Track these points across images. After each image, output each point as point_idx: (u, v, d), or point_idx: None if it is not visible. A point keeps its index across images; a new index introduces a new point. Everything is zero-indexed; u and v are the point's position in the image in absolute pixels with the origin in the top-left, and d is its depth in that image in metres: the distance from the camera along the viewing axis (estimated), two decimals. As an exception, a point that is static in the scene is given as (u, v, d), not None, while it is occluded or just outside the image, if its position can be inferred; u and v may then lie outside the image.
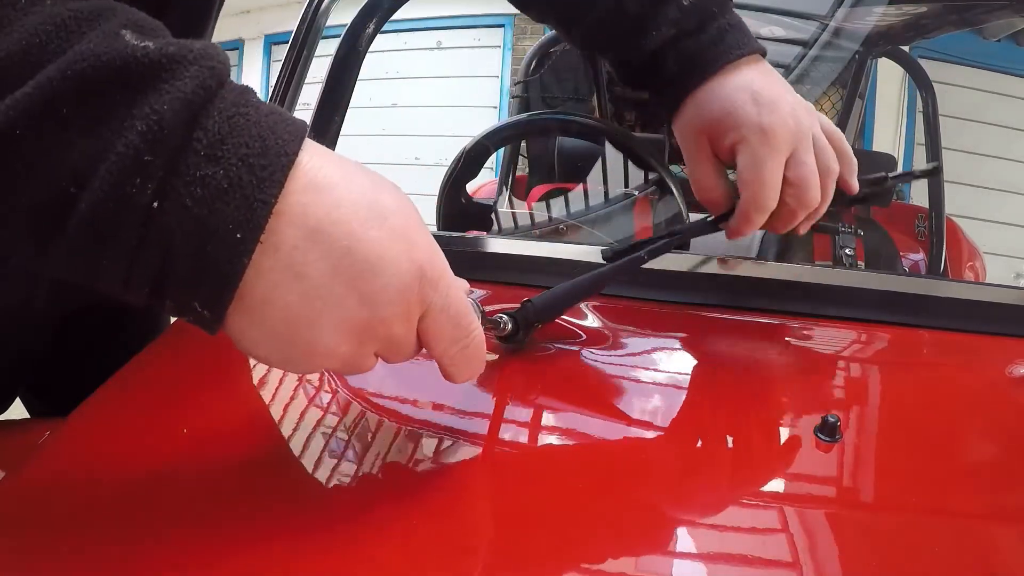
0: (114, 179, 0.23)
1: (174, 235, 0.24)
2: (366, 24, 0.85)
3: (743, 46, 0.45)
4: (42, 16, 0.23)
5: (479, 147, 0.79)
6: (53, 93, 0.23)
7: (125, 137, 0.23)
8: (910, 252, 1.56)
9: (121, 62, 0.24)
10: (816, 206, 0.45)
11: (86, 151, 0.23)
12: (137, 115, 0.23)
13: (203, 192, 0.24)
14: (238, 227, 0.25)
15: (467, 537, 0.31)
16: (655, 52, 0.46)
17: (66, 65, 0.23)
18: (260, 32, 5.07)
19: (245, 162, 0.25)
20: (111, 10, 0.25)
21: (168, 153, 0.24)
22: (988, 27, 1.64)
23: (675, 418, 0.42)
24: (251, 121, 0.25)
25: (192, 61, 0.25)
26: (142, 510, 0.32)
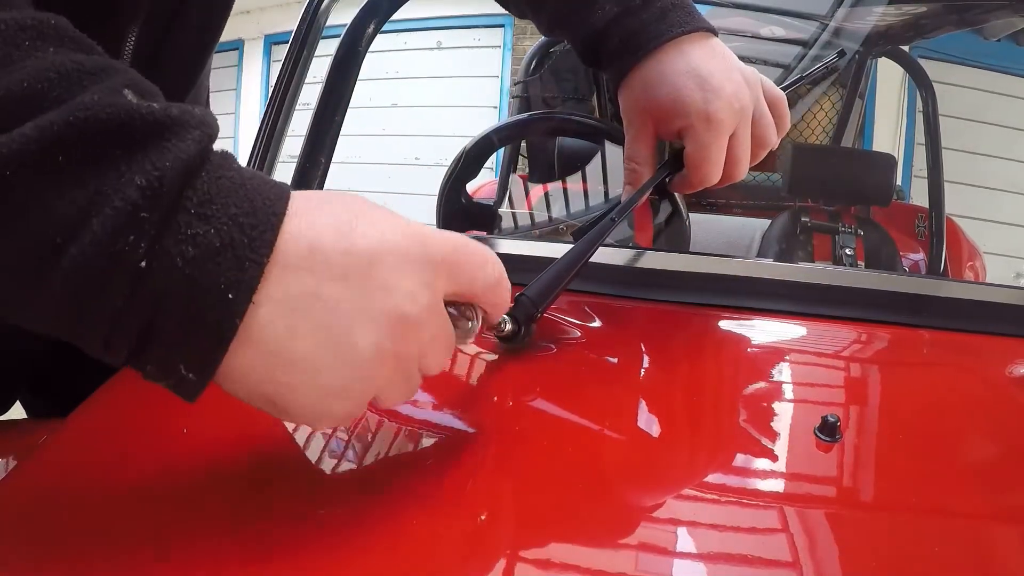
0: (107, 234, 0.23)
1: (164, 295, 0.24)
2: (366, 24, 0.85)
3: (685, 24, 0.46)
4: (46, 62, 0.23)
5: (485, 141, 0.79)
6: (54, 138, 0.22)
7: (123, 192, 0.23)
8: (910, 252, 1.57)
9: (125, 117, 0.23)
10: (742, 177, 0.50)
11: (78, 202, 0.23)
12: (138, 170, 0.23)
13: (194, 251, 0.24)
14: (230, 287, 0.24)
15: (467, 537, 0.31)
16: (600, 30, 0.48)
17: (69, 112, 0.23)
18: (260, 32, 5.07)
19: (235, 221, 0.25)
20: (113, 68, 0.25)
21: (163, 211, 0.23)
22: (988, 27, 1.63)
23: (675, 418, 0.42)
24: (236, 184, 0.25)
25: (194, 126, 0.25)
26: (142, 510, 0.32)
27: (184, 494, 0.33)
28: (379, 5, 0.85)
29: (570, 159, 1.33)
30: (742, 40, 1.42)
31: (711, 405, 0.43)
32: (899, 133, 3.11)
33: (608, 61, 0.49)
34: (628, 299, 0.53)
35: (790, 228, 1.43)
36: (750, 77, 0.47)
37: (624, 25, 0.47)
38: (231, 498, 0.33)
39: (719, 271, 0.54)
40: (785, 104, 0.51)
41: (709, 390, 0.45)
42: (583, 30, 0.49)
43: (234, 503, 0.32)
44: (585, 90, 1.65)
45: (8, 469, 0.39)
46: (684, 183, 0.49)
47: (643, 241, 0.77)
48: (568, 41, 0.53)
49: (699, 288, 0.53)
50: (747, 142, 0.47)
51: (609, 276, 0.54)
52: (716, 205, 1.74)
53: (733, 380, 0.45)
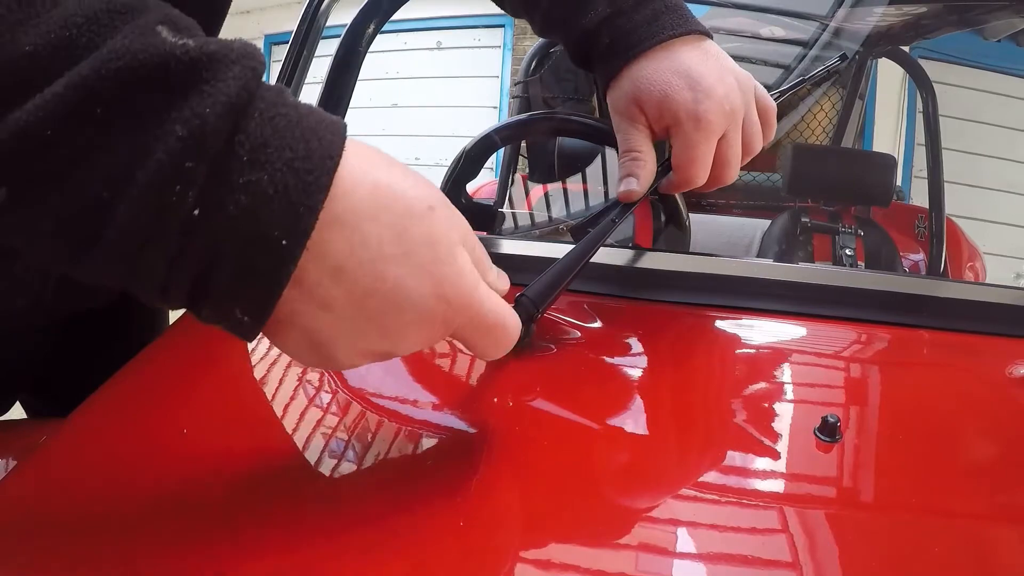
0: (154, 187, 0.22)
1: (218, 243, 0.24)
2: (366, 24, 0.85)
3: (678, 27, 0.46)
4: (71, 7, 0.22)
5: (485, 141, 0.79)
6: (87, 93, 0.22)
7: (165, 142, 0.22)
8: (910, 252, 1.57)
9: (160, 60, 0.22)
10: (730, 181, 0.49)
11: (122, 156, 0.22)
12: (177, 118, 0.22)
13: (247, 199, 0.23)
14: (284, 234, 0.24)
15: (467, 537, 0.31)
16: (592, 31, 0.48)
17: (100, 63, 0.22)
18: (260, 32, 5.07)
19: (290, 167, 0.24)
20: (144, 3, 0.24)
21: (211, 158, 0.23)
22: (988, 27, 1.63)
23: (675, 418, 0.42)
24: (292, 122, 0.25)
25: (234, 61, 0.24)
26: (142, 510, 0.32)
27: (184, 494, 0.33)
28: (379, 5, 0.85)
29: (570, 159, 1.33)
30: (742, 40, 1.42)
31: (711, 405, 0.43)
32: (899, 133, 3.11)
33: (599, 61, 0.49)
34: (628, 299, 0.53)
35: (790, 228, 1.43)
36: (744, 82, 0.47)
37: (616, 26, 0.47)
38: (231, 498, 0.33)
39: (719, 271, 0.54)
40: (775, 113, 0.50)
41: (709, 390, 0.45)
42: (575, 30, 0.49)
43: (234, 503, 0.32)
44: (585, 90, 1.65)
45: (8, 469, 0.39)
46: (669, 184, 0.49)
47: (643, 241, 0.77)
48: (560, 41, 0.53)
49: (699, 288, 0.53)
50: (737, 145, 0.47)
51: (609, 276, 0.54)
52: (716, 205, 1.74)
53: (733, 380, 0.45)
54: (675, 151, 0.47)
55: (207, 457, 0.36)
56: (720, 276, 0.53)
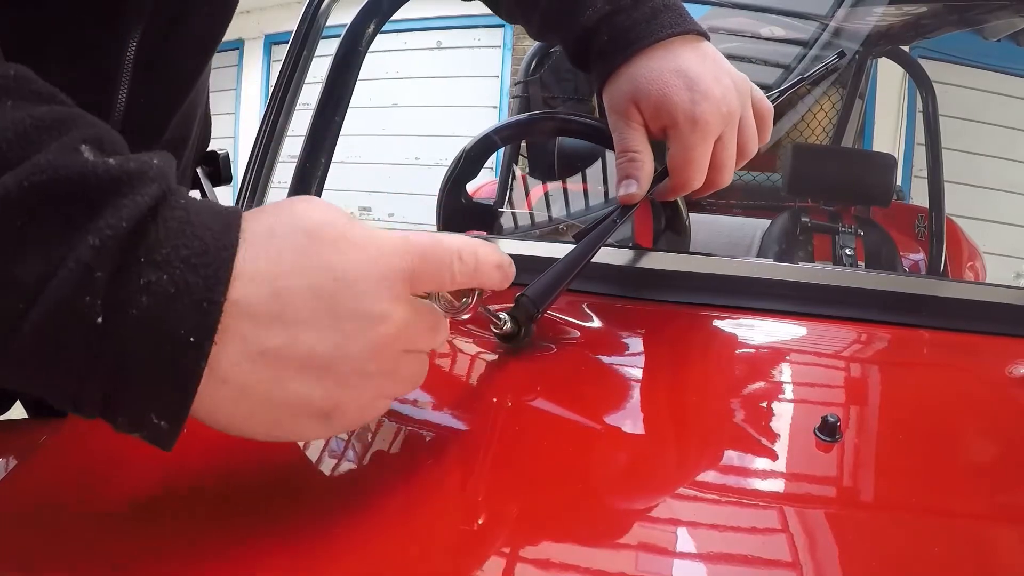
0: (63, 297, 0.22)
1: (124, 348, 0.23)
2: (366, 24, 0.85)
3: (676, 26, 0.46)
4: (3, 120, 0.23)
5: (486, 141, 0.79)
6: (8, 204, 0.22)
7: (76, 253, 0.22)
8: (910, 252, 1.57)
9: (79, 177, 0.23)
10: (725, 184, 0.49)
11: (36, 267, 0.22)
12: (91, 230, 0.23)
13: (149, 300, 0.23)
14: (190, 331, 0.24)
15: (467, 537, 0.31)
16: (591, 28, 0.48)
17: (24, 176, 0.22)
18: (260, 32, 5.07)
19: (187, 263, 0.24)
20: (72, 120, 0.24)
21: (114, 266, 0.23)
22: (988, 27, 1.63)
23: (675, 418, 0.42)
24: (183, 221, 0.24)
25: (153, 178, 0.24)
26: (142, 510, 0.32)
27: (184, 494, 0.33)
28: (379, 5, 0.85)
29: (570, 159, 1.33)
30: (742, 40, 1.42)
31: (711, 405, 0.43)
32: (899, 133, 3.11)
33: (596, 58, 0.49)
34: (628, 299, 0.53)
35: (790, 228, 1.43)
36: (740, 84, 0.47)
37: (614, 23, 0.47)
38: (231, 498, 0.33)
39: (719, 271, 0.54)
40: (771, 116, 0.50)
41: (709, 390, 0.45)
42: (574, 29, 0.49)
43: (234, 503, 0.32)
44: (585, 90, 1.65)
45: (8, 469, 0.39)
46: (664, 189, 0.49)
47: (643, 241, 0.77)
48: (558, 41, 0.53)
49: (699, 288, 0.53)
50: (732, 148, 0.47)
51: (609, 276, 0.54)
52: (716, 205, 1.74)
53: (733, 380, 0.45)
54: (671, 153, 0.47)
55: (207, 457, 0.36)
56: (720, 276, 0.53)
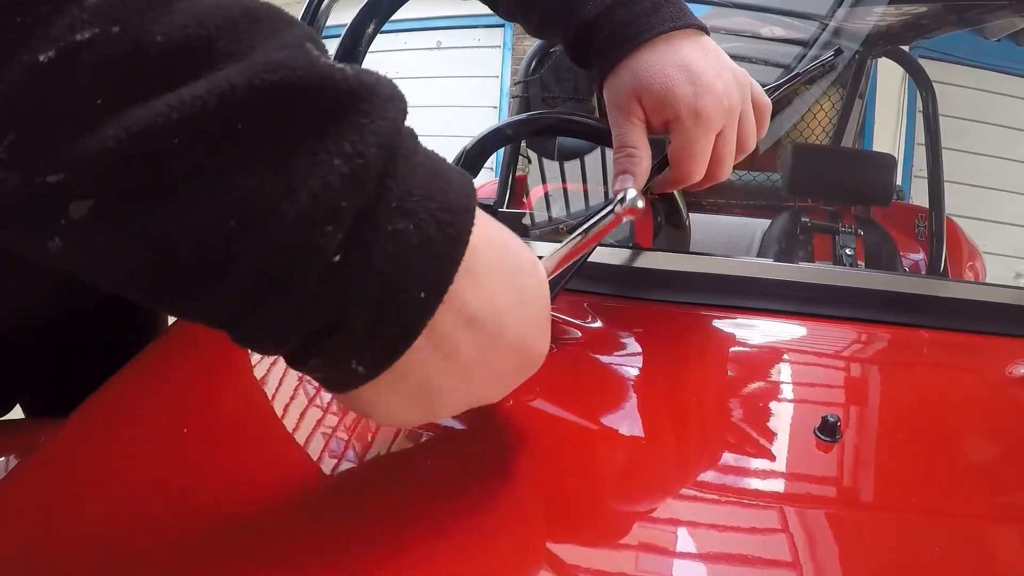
0: (302, 223, 0.19)
1: (356, 295, 0.21)
2: (366, 24, 0.85)
3: (677, 20, 0.46)
4: (205, 4, 0.19)
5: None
6: (235, 103, 0.19)
7: (323, 176, 0.19)
8: (910, 252, 1.56)
9: (319, 83, 0.20)
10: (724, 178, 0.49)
11: (263, 184, 0.19)
12: (335, 151, 0.20)
13: (393, 248, 0.21)
14: (423, 287, 0.23)
15: (466, 536, 0.31)
16: (591, 22, 0.48)
17: (253, 72, 0.19)
18: (260, 32, 5.06)
19: (435, 218, 0.22)
20: (283, 16, 0.21)
21: (365, 200, 0.21)
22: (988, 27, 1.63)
23: (675, 418, 0.42)
24: (431, 172, 0.23)
25: (388, 98, 0.22)
26: (142, 510, 0.32)
27: (184, 494, 0.33)
28: (379, 5, 0.85)
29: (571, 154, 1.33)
30: (742, 40, 1.42)
31: (711, 405, 0.43)
32: (899, 133, 3.11)
33: (597, 53, 0.49)
34: (628, 299, 0.53)
35: (790, 228, 1.43)
36: (740, 78, 0.47)
37: (615, 17, 0.47)
38: (231, 498, 0.33)
39: (719, 271, 0.54)
40: (769, 111, 0.50)
41: (709, 390, 0.45)
42: (574, 23, 0.49)
43: (234, 503, 0.32)
44: (585, 90, 1.65)
45: (8, 469, 0.39)
46: (665, 181, 0.49)
47: (643, 241, 0.76)
48: (558, 37, 0.53)
49: (699, 288, 0.53)
50: (732, 142, 0.47)
51: (609, 276, 0.54)
52: (716, 205, 1.74)
53: (733, 380, 0.45)
54: (673, 146, 0.47)
55: (207, 457, 0.36)
56: (720, 276, 0.53)
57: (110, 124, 0.18)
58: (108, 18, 0.18)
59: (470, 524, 0.31)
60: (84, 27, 0.18)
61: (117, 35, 0.18)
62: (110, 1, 0.18)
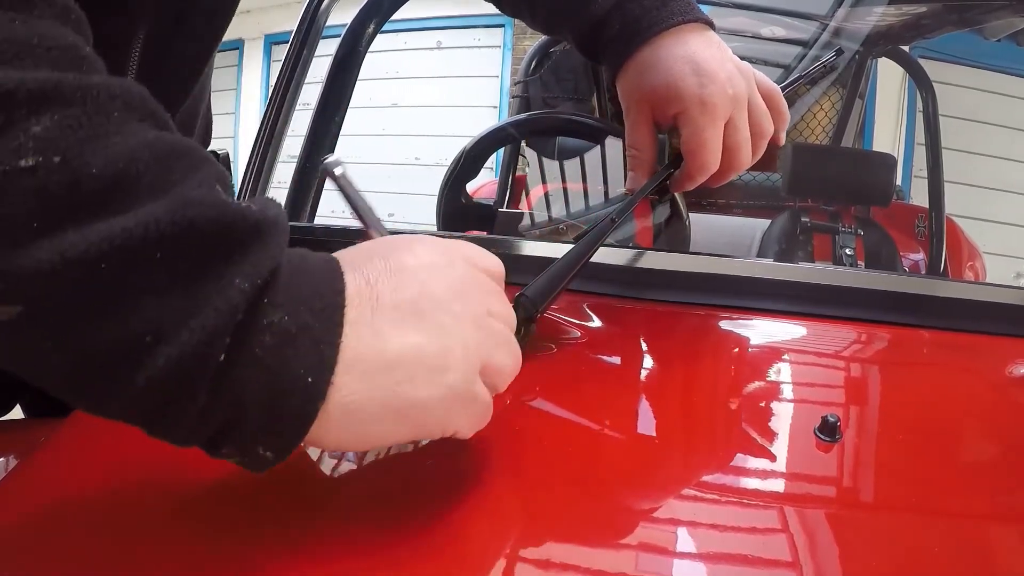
0: (205, 336, 0.22)
1: (246, 387, 0.24)
2: (366, 24, 0.85)
3: (685, 13, 0.47)
4: (137, 140, 0.22)
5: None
6: (157, 236, 0.21)
7: (226, 296, 0.22)
8: (910, 252, 1.57)
9: (228, 219, 0.23)
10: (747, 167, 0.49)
11: (175, 303, 0.22)
12: (237, 274, 0.23)
13: (272, 340, 0.24)
14: (308, 371, 0.24)
15: (466, 536, 0.31)
16: (601, 17, 0.48)
17: (173, 209, 0.22)
18: (260, 32, 5.07)
19: (306, 305, 0.24)
20: (199, 153, 0.24)
21: (252, 310, 0.23)
22: (988, 27, 1.63)
23: (674, 418, 0.42)
24: (295, 263, 0.25)
25: (281, 230, 0.25)
26: (142, 510, 0.32)
27: (184, 494, 0.33)
28: (379, 5, 0.85)
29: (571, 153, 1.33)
30: (742, 40, 1.42)
31: (711, 405, 0.43)
32: (899, 133, 3.11)
33: (607, 48, 0.49)
34: (628, 299, 0.53)
35: (790, 228, 1.43)
36: (744, 69, 0.48)
37: (625, 11, 0.47)
38: (231, 497, 0.33)
39: (719, 271, 0.54)
40: (781, 96, 0.51)
41: (709, 390, 0.45)
42: (584, 19, 0.49)
43: (234, 502, 0.32)
44: (585, 90, 1.65)
45: (8, 469, 0.39)
46: (684, 176, 0.49)
47: (643, 241, 0.77)
48: (567, 32, 0.53)
49: (699, 288, 0.53)
50: (745, 130, 0.47)
51: (609, 276, 0.54)
52: (716, 205, 1.74)
53: (733, 380, 0.45)
54: (684, 138, 0.47)
55: (207, 457, 0.36)
56: (720, 276, 0.53)
57: (44, 246, 0.20)
58: (51, 147, 0.20)
59: (470, 524, 0.31)
60: (28, 154, 0.20)
61: (57, 165, 0.20)
62: (52, 131, 0.20)
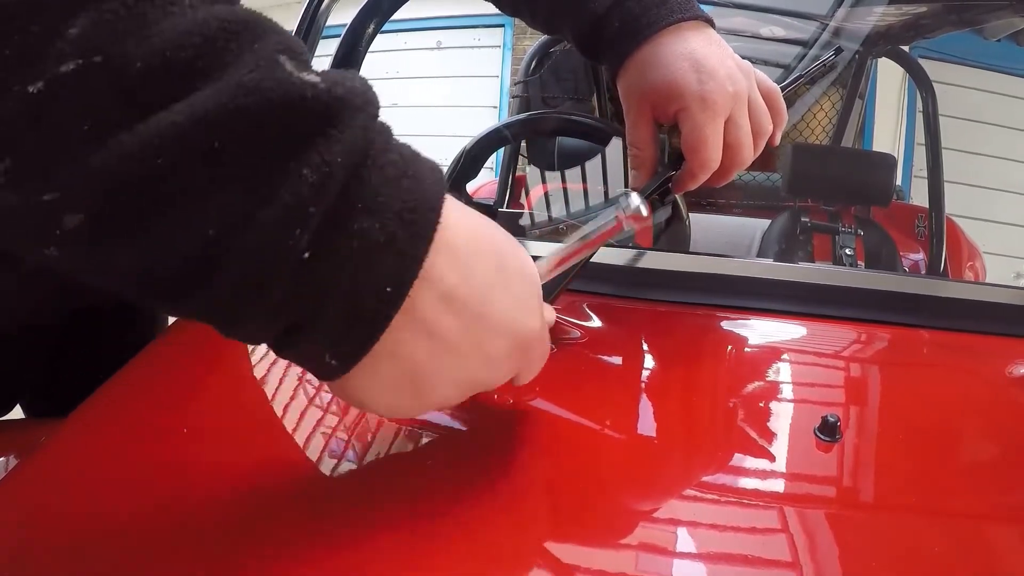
0: (273, 230, 0.21)
1: (325, 289, 0.23)
2: (366, 24, 0.85)
3: (685, 11, 0.47)
4: (185, 22, 0.20)
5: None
6: (210, 126, 0.20)
7: (292, 188, 0.21)
8: (910, 252, 1.57)
9: (289, 101, 0.21)
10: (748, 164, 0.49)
11: (239, 196, 0.21)
12: (304, 162, 0.21)
13: (358, 244, 0.23)
14: (389, 281, 0.24)
15: (466, 537, 0.31)
16: (602, 15, 0.48)
17: (227, 96, 0.20)
18: (260, 32, 5.06)
19: (399, 217, 0.24)
20: (260, 25, 0.22)
21: (330, 204, 0.22)
22: (988, 27, 1.63)
23: (675, 418, 0.42)
24: (400, 170, 0.24)
25: (359, 107, 0.23)
26: (142, 510, 0.32)
27: (184, 494, 0.33)
28: (379, 5, 0.85)
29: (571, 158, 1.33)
30: (742, 40, 1.42)
31: (711, 405, 0.43)
32: (899, 133, 3.11)
33: (607, 46, 0.49)
34: (628, 299, 0.53)
35: (790, 228, 1.43)
36: (744, 67, 0.48)
37: (625, 9, 0.47)
38: (230, 498, 0.33)
39: (719, 271, 0.54)
40: (780, 96, 0.51)
41: (709, 390, 0.45)
42: (584, 17, 0.49)
43: (233, 503, 0.32)
44: (584, 90, 1.65)
45: (8, 469, 0.39)
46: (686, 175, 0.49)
47: (643, 241, 0.77)
48: (567, 31, 0.53)
49: (699, 288, 0.53)
50: (746, 127, 0.47)
51: (609, 276, 0.54)
52: (716, 205, 1.74)
53: (734, 380, 0.45)
54: (684, 135, 0.47)
55: (207, 457, 0.36)
56: (720, 276, 0.53)
57: (97, 148, 0.20)
58: (90, 48, 0.19)
59: (470, 524, 0.31)
60: (68, 59, 0.19)
61: (99, 65, 0.19)
62: (90, 32, 0.19)
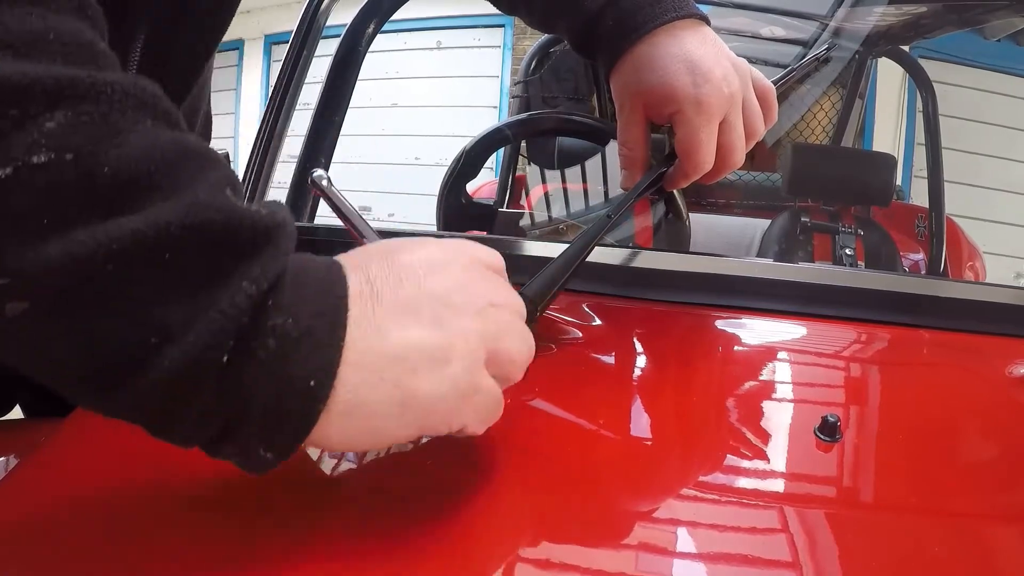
0: (210, 338, 0.22)
1: (249, 389, 0.24)
2: (366, 24, 0.85)
3: (679, 9, 0.46)
4: (149, 140, 0.22)
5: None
6: (166, 238, 0.21)
7: (232, 299, 0.23)
8: (910, 252, 1.56)
9: (236, 223, 0.23)
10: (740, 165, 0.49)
11: (183, 305, 0.22)
12: (245, 277, 0.23)
13: (275, 343, 0.24)
14: (311, 375, 0.24)
15: (466, 537, 0.31)
16: (596, 13, 0.48)
17: (183, 211, 0.22)
18: (260, 32, 5.07)
19: (310, 308, 0.25)
20: (207, 155, 0.24)
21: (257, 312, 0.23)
22: (988, 27, 1.63)
23: (674, 418, 0.42)
24: (299, 266, 0.25)
25: (288, 235, 0.25)
26: (141, 510, 0.32)
27: (184, 494, 0.33)
28: (379, 5, 0.85)
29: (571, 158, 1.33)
30: (742, 40, 1.42)
31: (711, 405, 0.43)
32: (899, 133, 3.11)
33: (601, 45, 0.49)
34: (628, 299, 0.53)
35: (790, 228, 1.43)
36: (740, 66, 0.48)
37: (619, 7, 0.47)
38: (232, 497, 0.33)
39: (719, 271, 0.54)
40: (774, 95, 0.51)
41: (709, 390, 0.45)
42: (579, 15, 0.49)
43: (234, 502, 0.32)
44: (584, 90, 1.65)
45: (8, 469, 0.39)
46: (678, 174, 0.49)
47: (644, 241, 0.77)
48: (562, 29, 0.53)
49: (699, 288, 0.53)
50: (740, 128, 0.47)
51: (609, 276, 0.54)
52: (716, 205, 1.74)
53: (733, 380, 0.45)
54: (678, 137, 0.47)
55: (207, 457, 0.36)
56: (720, 276, 0.53)
57: (54, 243, 0.20)
58: (63, 145, 0.20)
59: (469, 524, 0.31)
60: (40, 151, 0.20)
61: (70, 163, 0.20)
62: (66, 128, 0.20)
